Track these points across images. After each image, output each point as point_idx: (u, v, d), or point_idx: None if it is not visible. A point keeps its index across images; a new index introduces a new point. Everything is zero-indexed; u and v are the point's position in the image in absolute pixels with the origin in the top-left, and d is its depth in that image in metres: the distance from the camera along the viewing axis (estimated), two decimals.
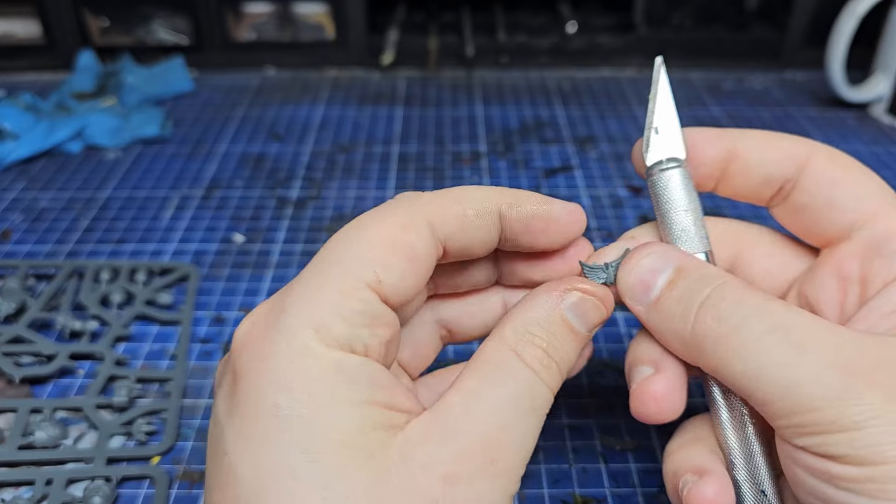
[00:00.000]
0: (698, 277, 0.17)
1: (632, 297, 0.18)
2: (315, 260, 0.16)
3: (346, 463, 0.14)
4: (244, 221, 0.37)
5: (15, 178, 0.41)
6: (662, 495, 0.23)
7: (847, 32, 0.43)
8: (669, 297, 0.17)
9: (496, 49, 0.55)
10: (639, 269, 0.18)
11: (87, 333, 0.29)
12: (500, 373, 0.16)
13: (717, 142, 0.19)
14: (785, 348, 0.15)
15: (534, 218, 0.18)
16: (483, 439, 0.15)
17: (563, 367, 0.17)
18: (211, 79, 0.53)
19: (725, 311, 0.16)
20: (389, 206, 0.17)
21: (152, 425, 0.25)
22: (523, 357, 0.16)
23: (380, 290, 0.16)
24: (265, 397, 0.15)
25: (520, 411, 0.16)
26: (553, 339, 0.17)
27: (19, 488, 0.24)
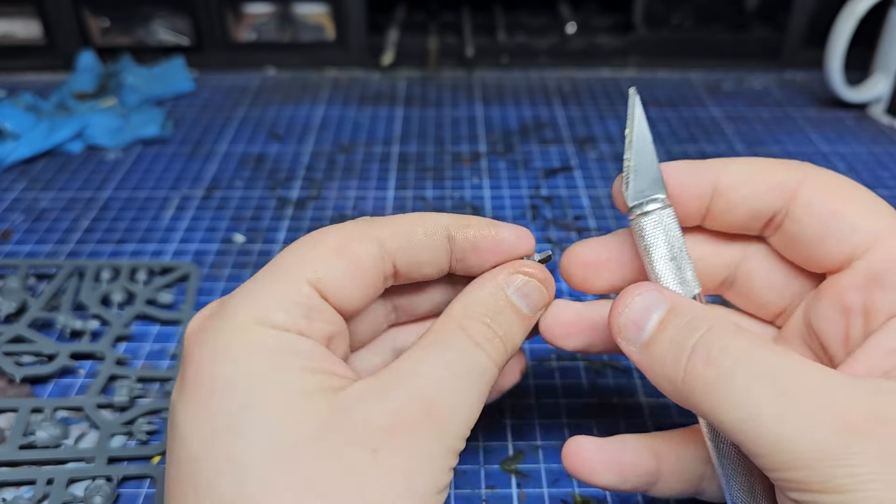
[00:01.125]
0: (690, 319, 0.16)
1: (624, 338, 0.17)
2: (266, 265, 0.18)
3: (288, 419, 0.15)
4: (244, 221, 0.37)
5: (16, 179, 0.41)
6: None
7: (846, 33, 0.43)
8: (661, 339, 0.16)
9: (496, 49, 0.55)
10: (631, 308, 0.17)
11: (87, 333, 0.29)
12: (443, 342, 0.17)
13: (697, 178, 0.18)
14: (774, 399, 0.14)
15: (481, 238, 0.19)
16: (422, 395, 0.16)
17: (508, 343, 0.18)
18: (211, 79, 0.53)
19: (716, 357, 0.15)
20: (343, 224, 0.18)
21: (153, 425, 0.26)
22: (467, 331, 0.17)
23: (319, 285, 0.17)
24: (209, 370, 0.16)
25: (458, 373, 0.17)
26: (497, 317, 0.18)
27: (20, 488, 0.24)
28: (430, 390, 0.16)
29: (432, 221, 0.19)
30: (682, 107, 0.49)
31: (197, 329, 0.17)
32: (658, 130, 0.46)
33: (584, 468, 0.19)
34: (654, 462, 0.19)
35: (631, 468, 0.19)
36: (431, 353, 0.17)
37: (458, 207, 0.38)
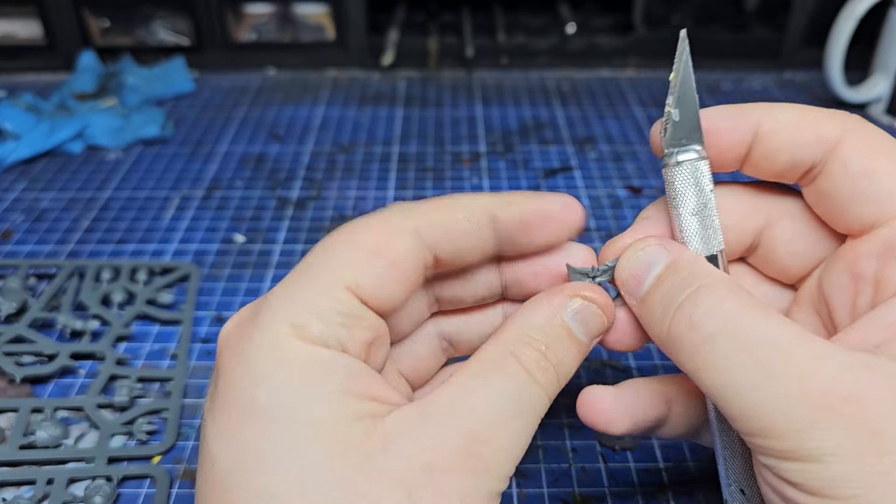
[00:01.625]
0: (685, 276, 0.16)
1: (626, 291, 0.17)
2: (299, 264, 0.17)
3: (323, 451, 0.14)
4: (245, 221, 0.37)
5: (16, 179, 0.41)
6: (662, 494, 0.23)
7: (846, 33, 0.43)
8: (655, 294, 0.17)
9: (496, 50, 0.55)
10: (634, 262, 0.17)
11: (87, 333, 0.29)
12: (494, 371, 0.16)
13: (738, 123, 0.17)
14: (753, 370, 0.14)
15: (528, 214, 0.17)
16: (467, 434, 0.15)
17: (562, 372, 0.17)
18: (211, 79, 0.53)
19: (699, 319, 0.15)
20: (377, 214, 0.17)
21: (153, 425, 0.26)
22: (519, 358, 0.16)
23: (358, 291, 0.16)
24: (243, 390, 0.15)
25: (509, 410, 0.15)
26: (552, 344, 0.16)
27: (20, 488, 0.24)
28: (477, 428, 0.15)
29: (474, 204, 0.17)
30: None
31: (231, 334, 0.16)
32: None
33: (601, 419, 0.18)
34: (665, 407, 0.19)
35: (643, 414, 0.19)
36: (479, 384, 0.16)
37: None
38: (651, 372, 0.28)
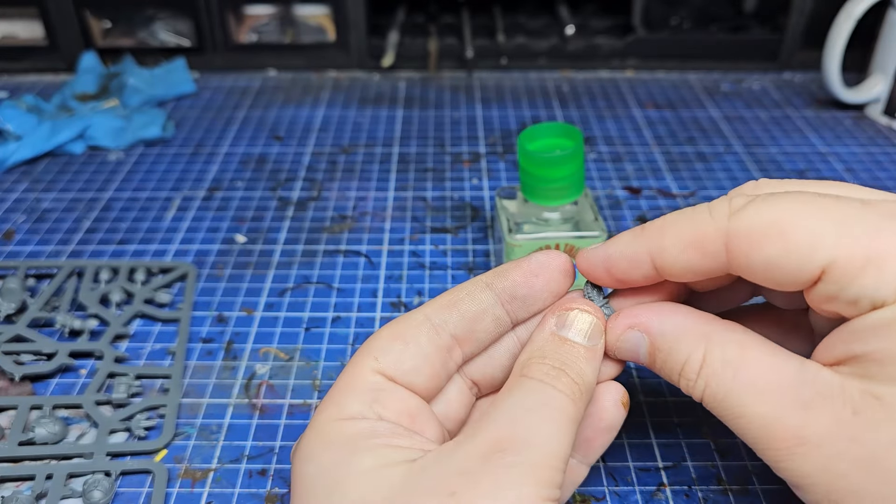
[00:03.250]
0: (670, 351, 0.19)
1: (628, 360, 0.20)
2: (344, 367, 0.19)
3: (366, 490, 0.16)
4: (246, 222, 0.37)
5: (17, 179, 0.41)
6: (660, 493, 0.23)
7: (844, 34, 0.43)
8: (654, 366, 0.19)
9: (495, 51, 0.55)
10: (621, 348, 0.19)
11: (86, 332, 0.29)
12: (509, 392, 0.17)
13: (636, 268, 0.19)
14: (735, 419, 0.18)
15: (516, 272, 0.20)
16: (493, 437, 0.16)
17: (574, 373, 0.18)
18: (213, 80, 0.53)
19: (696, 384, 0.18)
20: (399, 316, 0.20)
21: (151, 421, 0.26)
22: (528, 374, 0.18)
23: (380, 369, 0.18)
24: (299, 475, 0.17)
25: (529, 408, 0.17)
26: (553, 354, 0.18)
27: (20, 484, 0.24)
28: (503, 429, 0.16)
29: (472, 281, 0.20)
30: (681, 108, 0.49)
31: (295, 446, 0.18)
32: (656, 131, 0.46)
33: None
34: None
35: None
36: (500, 402, 0.17)
37: (457, 208, 0.38)
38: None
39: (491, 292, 0.19)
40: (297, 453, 0.18)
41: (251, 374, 0.28)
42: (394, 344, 0.19)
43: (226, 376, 0.28)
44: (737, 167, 0.42)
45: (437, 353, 0.19)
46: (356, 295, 0.32)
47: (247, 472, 0.24)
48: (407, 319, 0.19)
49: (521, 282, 0.19)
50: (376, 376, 0.18)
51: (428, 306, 0.19)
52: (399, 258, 0.34)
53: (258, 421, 0.26)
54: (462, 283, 0.20)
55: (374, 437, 0.17)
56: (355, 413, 0.17)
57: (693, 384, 0.18)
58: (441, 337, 0.19)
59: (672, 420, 0.26)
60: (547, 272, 0.20)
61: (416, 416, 0.18)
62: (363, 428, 0.17)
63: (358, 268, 0.34)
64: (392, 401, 0.18)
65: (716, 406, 0.18)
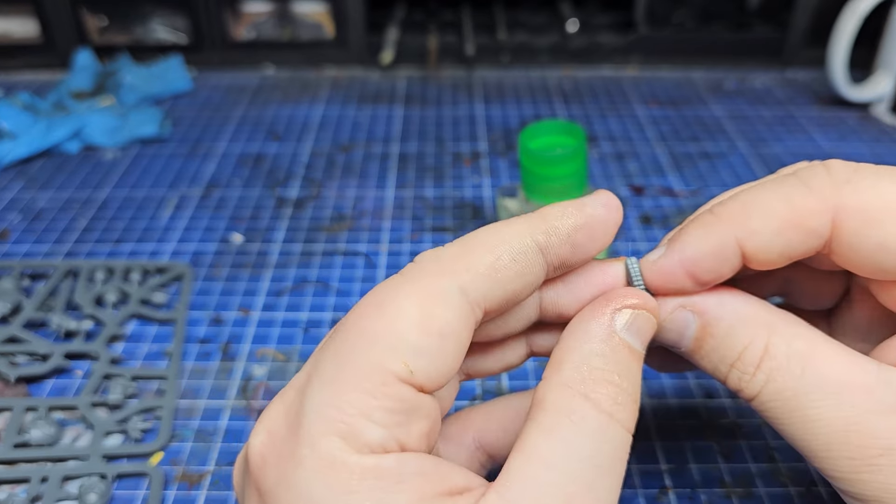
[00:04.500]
0: (724, 338, 0.16)
1: (668, 345, 0.17)
2: (333, 346, 0.14)
3: None
4: (243, 221, 0.37)
5: (13, 178, 0.41)
6: (664, 497, 0.23)
7: (849, 31, 0.43)
8: (699, 353, 0.17)
9: (496, 48, 0.55)
10: (667, 327, 0.17)
11: (81, 333, 0.29)
12: (569, 425, 0.14)
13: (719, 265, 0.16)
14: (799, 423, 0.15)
15: (575, 231, 0.16)
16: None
17: (636, 398, 0.15)
18: (210, 78, 0.52)
19: (753, 381, 0.16)
20: (411, 274, 0.15)
21: (147, 423, 0.25)
22: (594, 400, 0.14)
23: (412, 380, 0.14)
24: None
25: (596, 468, 0.14)
26: (622, 370, 0.15)
27: (15, 487, 0.23)
28: (567, 495, 0.13)
29: (515, 238, 0.15)
30: (684, 106, 0.48)
31: (269, 454, 0.14)
32: (660, 129, 0.46)
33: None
34: None
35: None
36: (556, 446, 0.14)
37: (458, 207, 0.38)
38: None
39: (542, 259, 0.15)
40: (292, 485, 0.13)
41: (248, 376, 0.28)
42: (430, 341, 0.14)
43: (223, 378, 0.28)
44: (741, 166, 0.41)
45: (469, 337, 0.15)
46: (355, 295, 0.32)
47: None
48: (438, 295, 0.14)
49: (580, 244, 0.16)
50: (403, 388, 0.14)
51: (463, 272, 0.14)
52: (399, 258, 0.34)
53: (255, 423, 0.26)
54: (503, 233, 0.15)
55: (405, 485, 0.13)
56: (375, 444, 0.13)
57: (750, 378, 0.15)
58: (476, 315, 0.15)
59: (675, 422, 0.26)
60: (606, 231, 0.16)
61: (433, 429, 0.15)
62: (390, 470, 0.13)
63: (357, 268, 0.33)
64: (420, 422, 0.14)
65: (777, 406, 0.15)
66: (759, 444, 0.25)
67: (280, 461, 0.13)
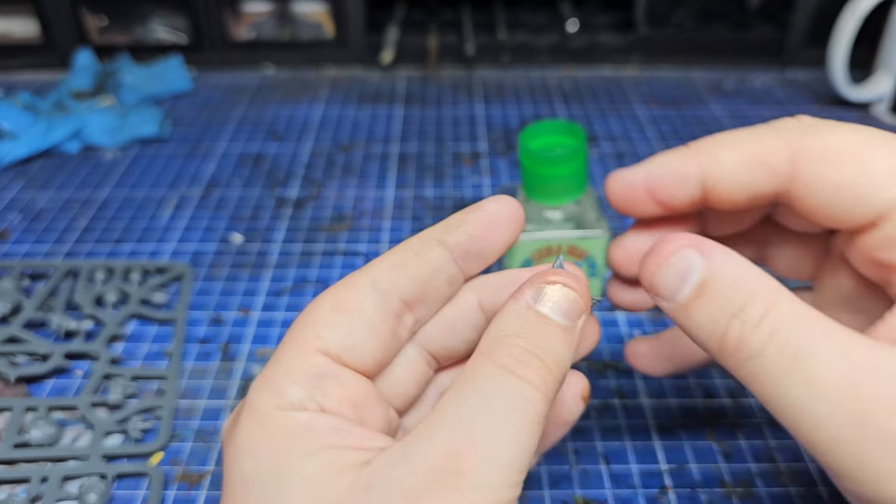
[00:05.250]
0: (728, 291, 0.15)
1: (658, 295, 0.16)
2: (282, 339, 0.17)
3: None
4: (243, 221, 0.37)
5: (13, 178, 0.41)
6: (664, 497, 0.23)
7: (849, 31, 0.43)
8: (696, 307, 0.16)
9: (496, 48, 0.55)
10: (666, 270, 0.16)
11: (81, 333, 0.29)
12: (471, 381, 0.15)
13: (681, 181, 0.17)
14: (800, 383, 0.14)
15: (470, 225, 0.17)
16: (446, 449, 0.14)
17: (550, 360, 0.15)
18: (210, 78, 0.52)
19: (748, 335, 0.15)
20: (341, 280, 0.18)
21: (147, 422, 0.25)
22: (495, 359, 0.15)
23: (328, 351, 0.16)
24: (233, 469, 0.15)
25: (490, 413, 0.14)
26: (530, 334, 0.15)
27: (15, 487, 0.23)
28: (458, 441, 0.14)
29: (418, 238, 0.18)
30: (684, 106, 0.48)
31: (227, 426, 0.17)
32: (660, 129, 0.46)
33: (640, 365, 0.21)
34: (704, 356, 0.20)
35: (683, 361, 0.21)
36: (459, 397, 0.15)
37: (458, 207, 0.38)
38: None
39: (443, 249, 0.17)
40: (232, 440, 0.16)
41: (248, 376, 0.28)
42: (338, 317, 0.16)
43: (222, 378, 0.28)
44: None
45: (385, 323, 0.17)
46: None
47: None
48: (350, 285, 0.17)
49: (477, 235, 0.17)
50: (319, 357, 0.16)
51: (373, 268, 0.17)
52: None
53: None
54: (408, 240, 0.18)
55: (314, 435, 0.15)
56: (296, 402, 0.15)
57: (754, 328, 0.15)
58: (390, 303, 0.17)
59: (675, 422, 0.26)
60: (502, 222, 0.17)
61: (360, 403, 0.16)
62: (303, 423, 0.15)
63: (357, 268, 0.33)
64: (335, 387, 0.16)
65: (780, 363, 0.14)
66: (760, 444, 0.25)
67: (231, 428, 0.16)
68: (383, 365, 0.17)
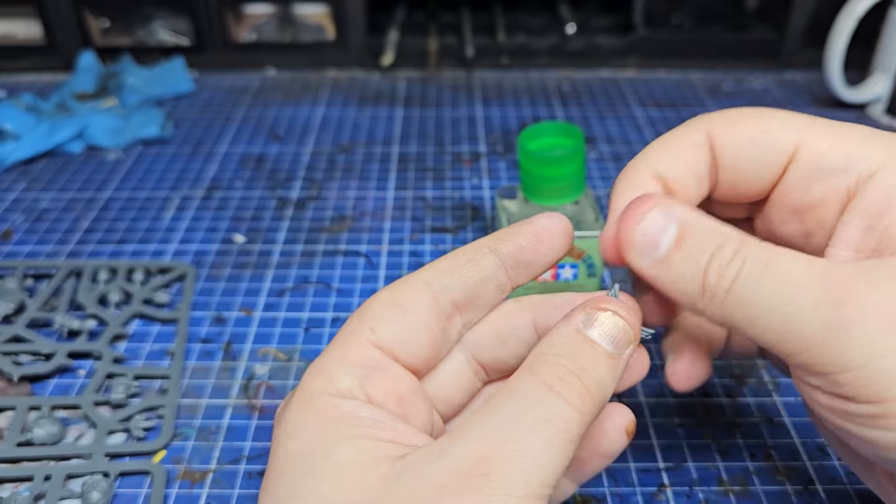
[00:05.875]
0: (702, 235, 0.17)
1: (637, 253, 0.17)
2: (338, 331, 0.18)
3: (340, 492, 0.15)
4: (245, 222, 0.37)
5: (16, 179, 0.41)
6: (662, 495, 0.23)
7: (845, 33, 0.43)
8: (677, 257, 0.17)
9: (496, 50, 0.55)
10: (644, 226, 0.17)
11: (85, 332, 0.29)
12: (511, 391, 0.16)
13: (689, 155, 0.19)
14: (776, 288, 0.15)
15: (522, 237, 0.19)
16: (477, 452, 0.14)
17: (590, 382, 0.16)
18: (211, 79, 0.53)
19: (725, 269, 0.16)
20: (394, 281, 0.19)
21: (150, 421, 0.26)
22: (537, 374, 0.16)
23: (380, 343, 0.17)
24: (279, 446, 0.16)
25: (524, 424, 0.15)
26: (573, 354, 0.16)
27: (18, 485, 0.24)
28: (492, 444, 0.14)
29: (473, 245, 0.19)
30: (682, 107, 0.49)
31: (281, 407, 0.18)
32: (658, 131, 0.46)
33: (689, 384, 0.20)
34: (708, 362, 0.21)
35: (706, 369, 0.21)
36: (497, 405, 0.15)
37: (457, 208, 0.38)
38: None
39: (495, 257, 0.18)
40: (282, 418, 0.17)
41: (250, 375, 0.28)
42: (392, 311, 0.17)
43: (225, 377, 0.28)
44: None
45: (436, 321, 0.18)
46: (356, 295, 0.32)
47: (246, 473, 0.24)
48: (405, 284, 0.18)
49: (528, 247, 0.18)
50: (372, 350, 0.17)
51: (427, 270, 0.18)
52: (399, 258, 0.34)
53: (257, 422, 0.26)
54: (463, 247, 0.19)
55: (357, 424, 0.16)
56: (344, 390, 0.16)
57: (729, 262, 0.16)
58: (441, 304, 0.18)
59: (673, 420, 0.26)
60: (551, 237, 0.19)
61: (405, 398, 0.17)
62: (348, 410, 0.16)
63: (357, 268, 0.34)
64: (383, 380, 0.17)
65: (757, 279, 0.15)
66: (757, 443, 0.25)
67: (283, 410, 0.17)
68: (432, 363, 0.18)
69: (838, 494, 0.23)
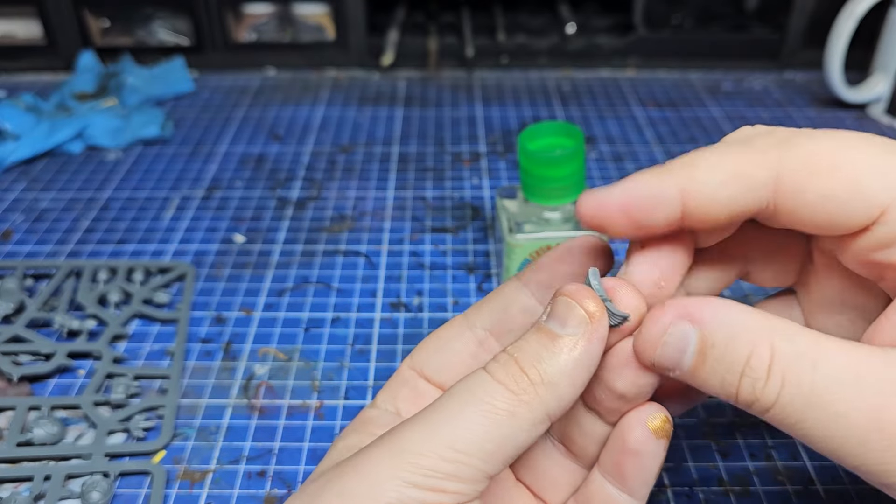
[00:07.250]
0: (726, 347, 0.15)
1: (663, 369, 0.16)
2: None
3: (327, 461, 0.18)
4: (245, 222, 0.37)
5: (16, 179, 0.41)
6: (662, 495, 0.23)
7: (846, 33, 0.43)
8: (703, 371, 0.16)
9: (496, 50, 0.55)
10: (664, 347, 0.16)
11: (84, 332, 0.29)
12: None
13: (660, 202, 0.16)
14: (826, 421, 0.14)
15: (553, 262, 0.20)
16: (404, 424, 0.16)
17: (525, 361, 0.16)
18: (211, 79, 0.53)
19: (767, 391, 0.15)
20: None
21: (150, 421, 0.25)
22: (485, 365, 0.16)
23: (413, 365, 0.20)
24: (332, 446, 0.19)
25: (447, 398, 0.16)
26: (519, 342, 0.16)
27: (18, 485, 0.24)
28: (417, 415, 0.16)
29: (510, 283, 0.20)
30: (682, 107, 0.49)
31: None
32: (658, 131, 0.46)
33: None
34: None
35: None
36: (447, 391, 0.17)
37: (457, 208, 0.38)
38: None
39: (518, 282, 0.20)
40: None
41: (250, 375, 0.28)
42: (428, 341, 0.20)
43: (224, 377, 0.28)
44: None
45: (466, 346, 0.20)
46: (356, 295, 0.32)
47: (246, 474, 0.24)
48: (448, 322, 0.21)
49: (543, 267, 0.19)
50: (406, 371, 0.20)
51: (469, 309, 0.21)
52: (399, 258, 0.34)
53: (257, 422, 0.26)
54: (503, 288, 0.21)
55: (370, 423, 0.19)
56: (379, 403, 0.20)
57: (765, 383, 0.15)
58: (473, 331, 0.20)
59: (673, 420, 0.26)
60: (570, 255, 0.19)
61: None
62: (372, 415, 0.19)
63: (357, 268, 0.34)
64: (409, 393, 0.19)
65: (798, 409, 0.14)
66: (757, 443, 0.25)
67: None
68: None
69: (838, 494, 0.23)
